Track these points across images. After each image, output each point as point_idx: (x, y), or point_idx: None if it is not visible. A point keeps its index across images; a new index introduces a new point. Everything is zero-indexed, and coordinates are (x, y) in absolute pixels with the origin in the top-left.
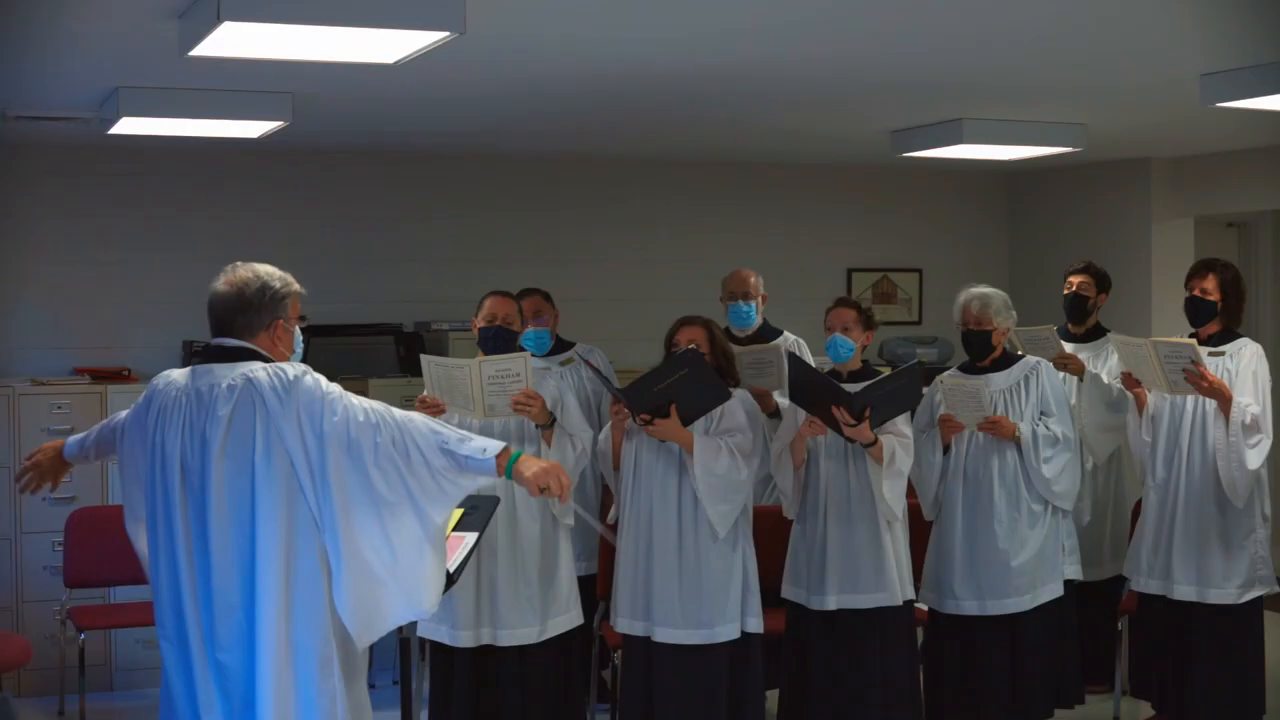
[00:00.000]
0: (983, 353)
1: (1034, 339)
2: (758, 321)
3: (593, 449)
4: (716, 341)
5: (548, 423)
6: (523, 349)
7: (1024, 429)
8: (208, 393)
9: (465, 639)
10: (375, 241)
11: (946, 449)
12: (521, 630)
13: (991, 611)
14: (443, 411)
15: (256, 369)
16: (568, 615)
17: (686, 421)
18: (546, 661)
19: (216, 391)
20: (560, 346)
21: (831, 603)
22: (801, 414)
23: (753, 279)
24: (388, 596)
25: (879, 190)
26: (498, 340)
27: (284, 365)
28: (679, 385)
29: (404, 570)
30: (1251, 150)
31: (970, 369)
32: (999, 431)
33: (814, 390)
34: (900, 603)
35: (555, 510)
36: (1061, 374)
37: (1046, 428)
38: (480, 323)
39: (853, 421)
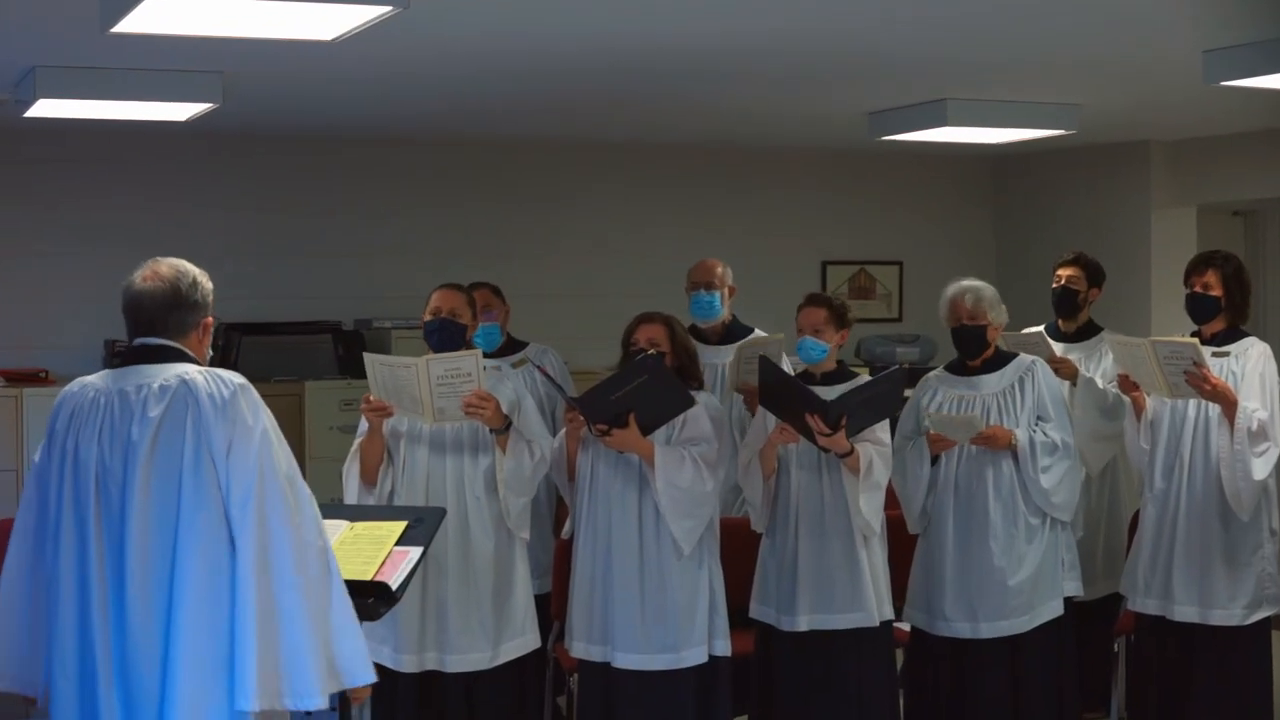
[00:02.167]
0: (977, 351)
1: (1021, 346)
2: (723, 314)
3: (551, 455)
4: (678, 340)
5: (502, 426)
6: (474, 346)
7: (1020, 436)
8: (135, 394)
9: (408, 664)
10: (313, 232)
11: (935, 459)
12: (472, 655)
13: (986, 634)
14: (390, 414)
15: (191, 371)
16: (523, 639)
17: (647, 430)
18: (498, 688)
19: (146, 392)
20: (512, 345)
21: (803, 623)
22: (771, 419)
23: (719, 268)
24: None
25: (856, 177)
26: (443, 335)
27: (221, 372)
28: (638, 392)
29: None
30: (1259, 133)
31: (959, 369)
32: (994, 444)
33: (786, 395)
34: (877, 624)
35: (511, 523)
36: None
37: (1044, 434)
38: (426, 317)
39: (828, 430)
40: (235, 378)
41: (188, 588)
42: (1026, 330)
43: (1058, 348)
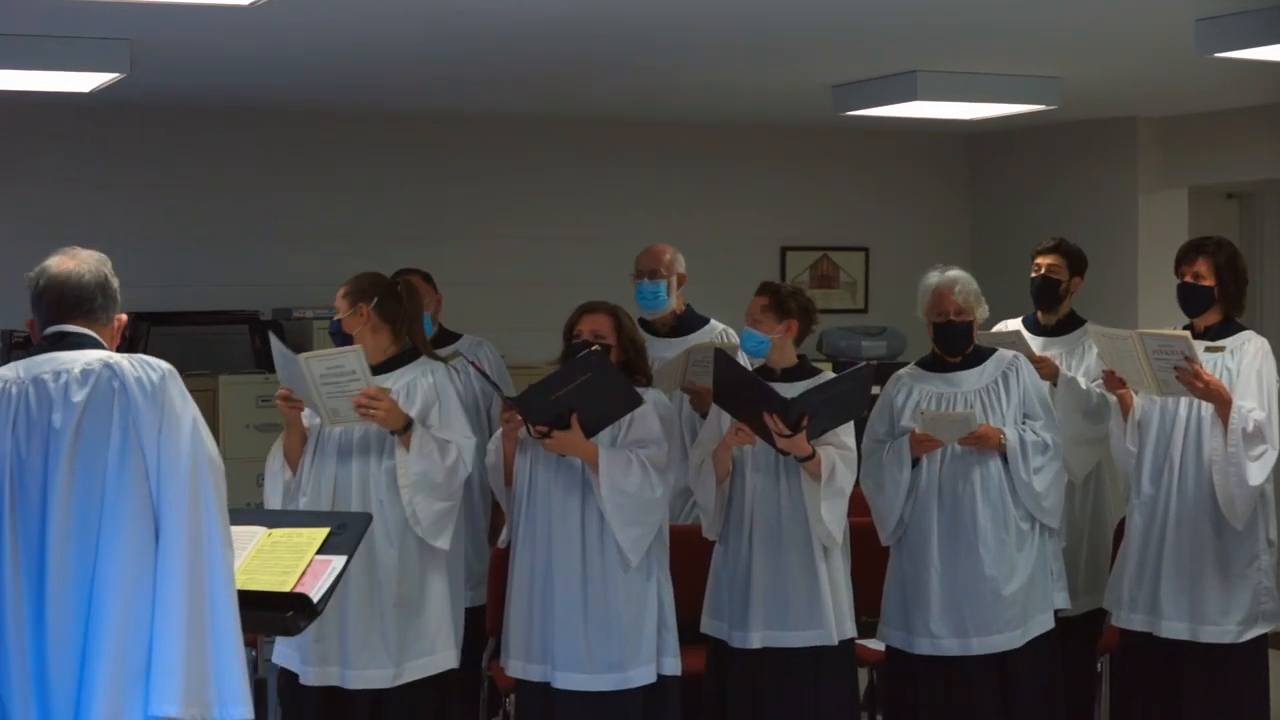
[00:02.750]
0: (964, 347)
1: (996, 344)
2: (671, 304)
3: (478, 460)
4: (625, 332)
5: (401, 426)
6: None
7: (1009, 434)
8: (54, 380)
9: (311, 676)
10: (228, 214)
11: (915, 462)
12: (372, 672)
13: (977, 651)
14: (301, 406)
15: (114, 355)
16: (433, 658)
17: (590, 432)
18: (409, 708)
19: (67, 378)
20: (444, 338)
21: (755, 640)
22: (727, 418)
23: (667, 255)
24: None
25: (818, 156)
26: (342, 339)
27: (146, 357)
28: (581, 391)
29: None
30: (1255, 109)
31: (934, 364)
32: (985, 444)
33: (742, 392)
34: (835, 642)
35: (421, 530)
36: None
37: (1034, 433)
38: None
39: (787, 431)
40: (162, 363)
41: (113, 585)
42: (1001, 327)
43: (1036, 342)
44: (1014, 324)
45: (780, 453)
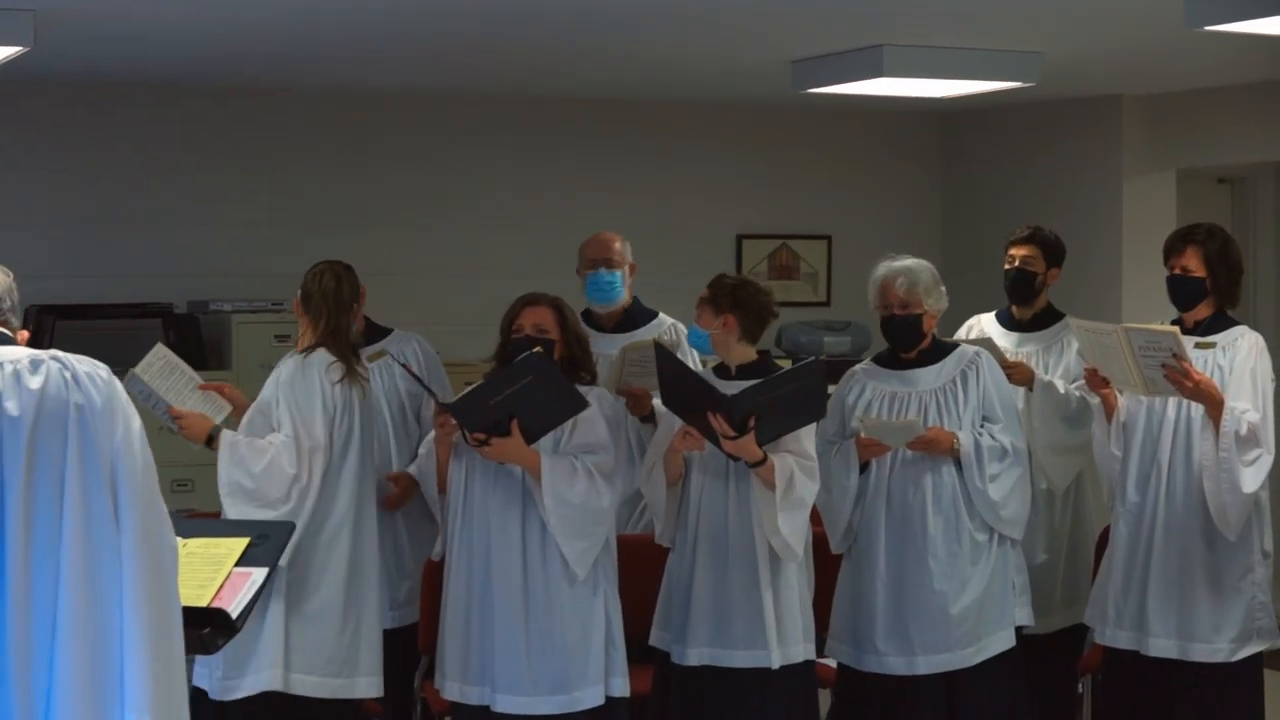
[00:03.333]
0: (911, 343)
1: None
2: (624, 297)
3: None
4: (569, 326)
5: (204, 438)
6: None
7: (963, 439)
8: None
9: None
10: (140, 199)
11: (864, 467)
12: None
13: (924, 670)
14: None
15: (53, 351)
16: (358, 679)
17: (532, 438)
18: None
19: (15, 366)
20: (371, 333)
21: (694, 657)
22: (678, 420)
23: (617, 244)
24: None
25: (777, 137)
26: None
27: (84, 357)
28: (522, 395)
29: None
30: (1248, 87)
31: (890, 361)
32: (935, 449)
33: (684, 390)
34: (776, 665)
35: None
36: None
37: (992, 437)
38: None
39: (732, 433)
40: (98, 361)
41: (80, 587)
42: (973, 322)
43: (1010, 338)
44: (987, 319)
45: (729, 457)
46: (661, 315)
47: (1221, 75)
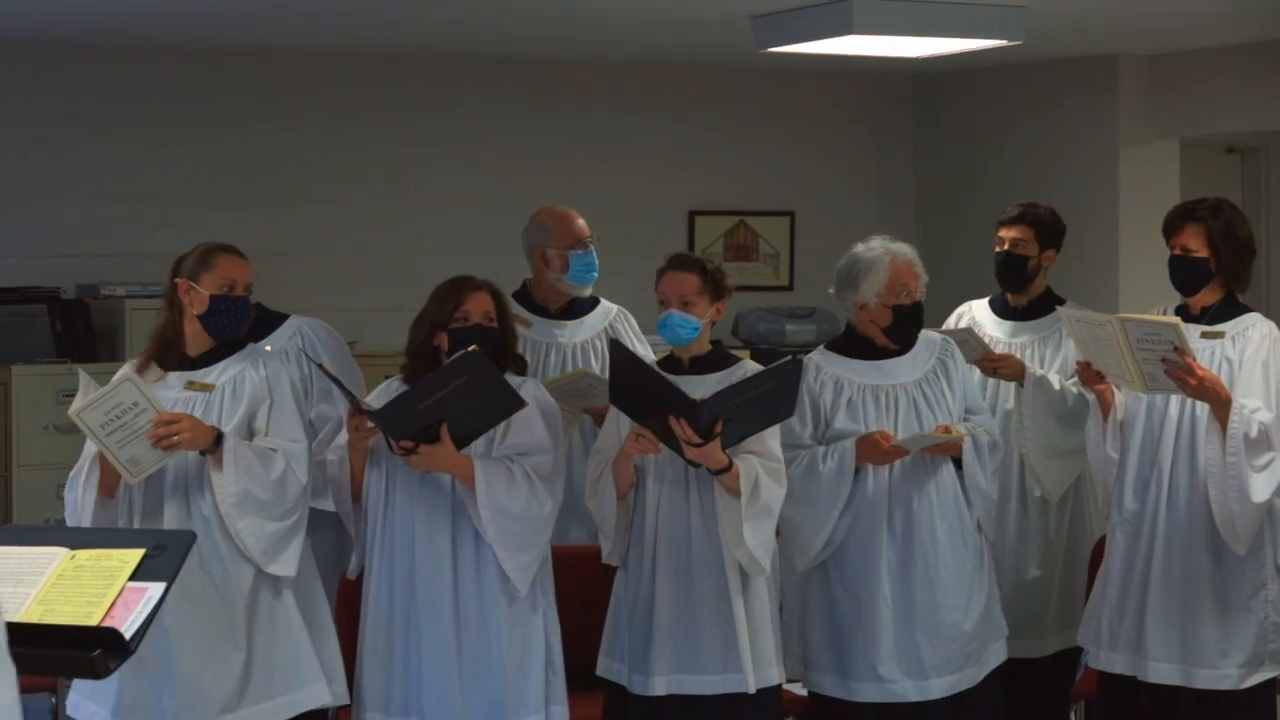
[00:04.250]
0: (916, 334)
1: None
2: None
3: (309, 464)
4: (506, 315)
5: (211, 444)
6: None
7: (964, 435)
8: None
9: None
10: (21, 172)
11: (855, 471)
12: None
13: (938, 693)
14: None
15: None
16: (281, 699)
17: (462, 443)
18: None
19: None
20: (264, 320)
21: (659, 685)
22: (626, 421)
23: (582, 220)
24: None
25: (734, 102)
26: (232, 317)
27: None
28: (454, 397)
29: None
30: (1260, 46)
31: (853, 349)
32: (948, 450)
33: (642, 391)
34: (753, 690)
35: (255, 557)
36: (991, 380)
37: (986, 432)
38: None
39: (698, 440)
40: None
41: None
42: (965, 309)
43: (1004, 327)
44: (978, 306)
45: (690, 464)
46: (604, 302)
47: (1228, 32)
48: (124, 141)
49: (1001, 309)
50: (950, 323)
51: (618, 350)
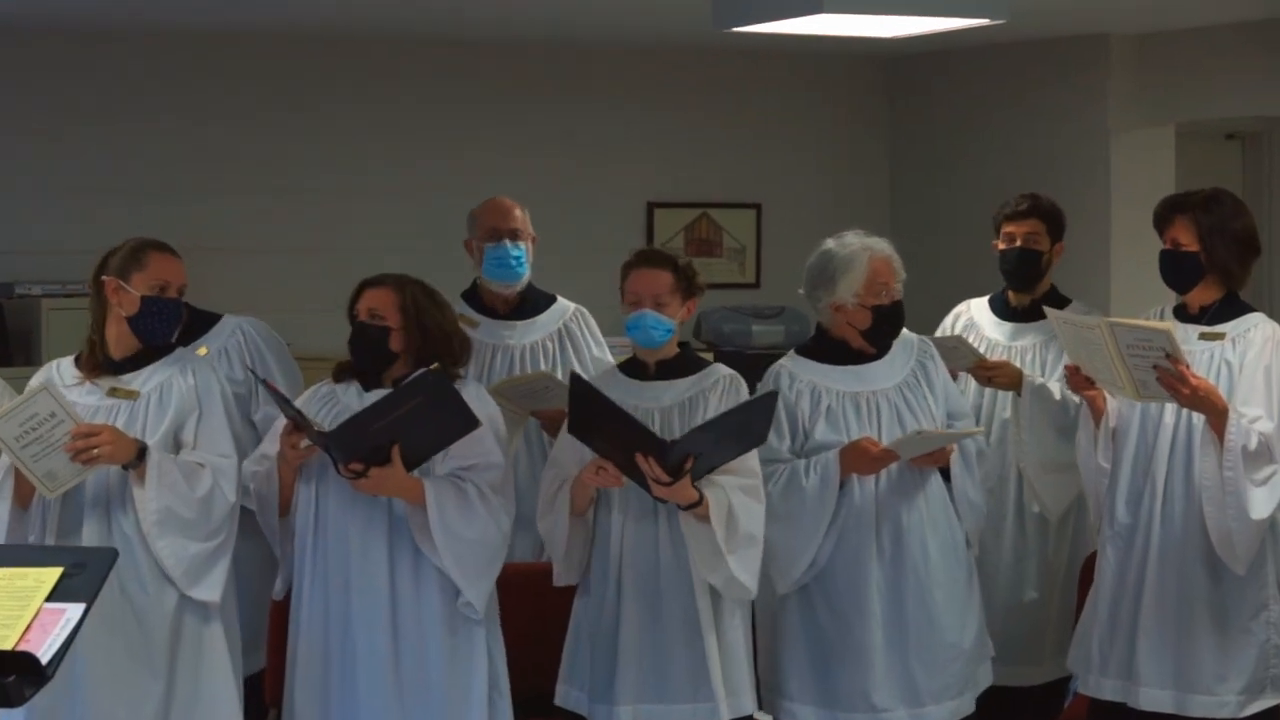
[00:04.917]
0: (895, 337)
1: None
2: (526, 276)
3: (238, 481)
4: (411, 313)
5: (133, 458)
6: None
7: (977, 431)
8: None
9: None
10: None
11: (839, 485)
12: None
13: None
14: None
15: None
16: None
17: (413, 464)
18: None
19: None
20: (197, 322)
21: (624, 715)
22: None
23: (519, 211)
24: None
25: (695, 86)
26: (161, 320)
27: None
28: (409, 418)
29: None
30: (1261, 25)
31: (827, 354)
32: (940, 460)
33: (606, 425)
34: (728, 719)
35: (176, 579)
36: (986, 389)
37: (974, 440)
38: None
39: (667, 479)
40: None
41: None
42: (956, 318)
43: (1004, 329)
44: (977, 306)
45: (658, 500)
46: (560, 299)
47: (1227, 10)
48: (40, 130)
49: (1002, 309)
50: (946, 324)
51: (579, 384)
